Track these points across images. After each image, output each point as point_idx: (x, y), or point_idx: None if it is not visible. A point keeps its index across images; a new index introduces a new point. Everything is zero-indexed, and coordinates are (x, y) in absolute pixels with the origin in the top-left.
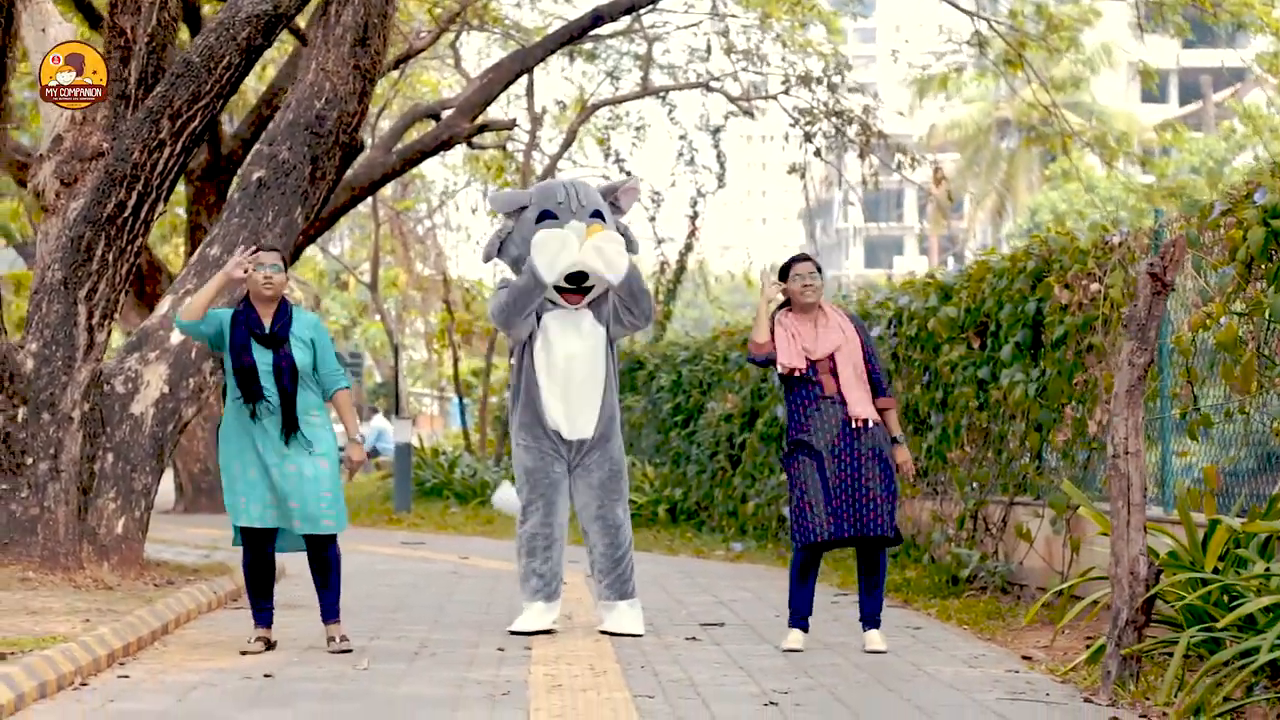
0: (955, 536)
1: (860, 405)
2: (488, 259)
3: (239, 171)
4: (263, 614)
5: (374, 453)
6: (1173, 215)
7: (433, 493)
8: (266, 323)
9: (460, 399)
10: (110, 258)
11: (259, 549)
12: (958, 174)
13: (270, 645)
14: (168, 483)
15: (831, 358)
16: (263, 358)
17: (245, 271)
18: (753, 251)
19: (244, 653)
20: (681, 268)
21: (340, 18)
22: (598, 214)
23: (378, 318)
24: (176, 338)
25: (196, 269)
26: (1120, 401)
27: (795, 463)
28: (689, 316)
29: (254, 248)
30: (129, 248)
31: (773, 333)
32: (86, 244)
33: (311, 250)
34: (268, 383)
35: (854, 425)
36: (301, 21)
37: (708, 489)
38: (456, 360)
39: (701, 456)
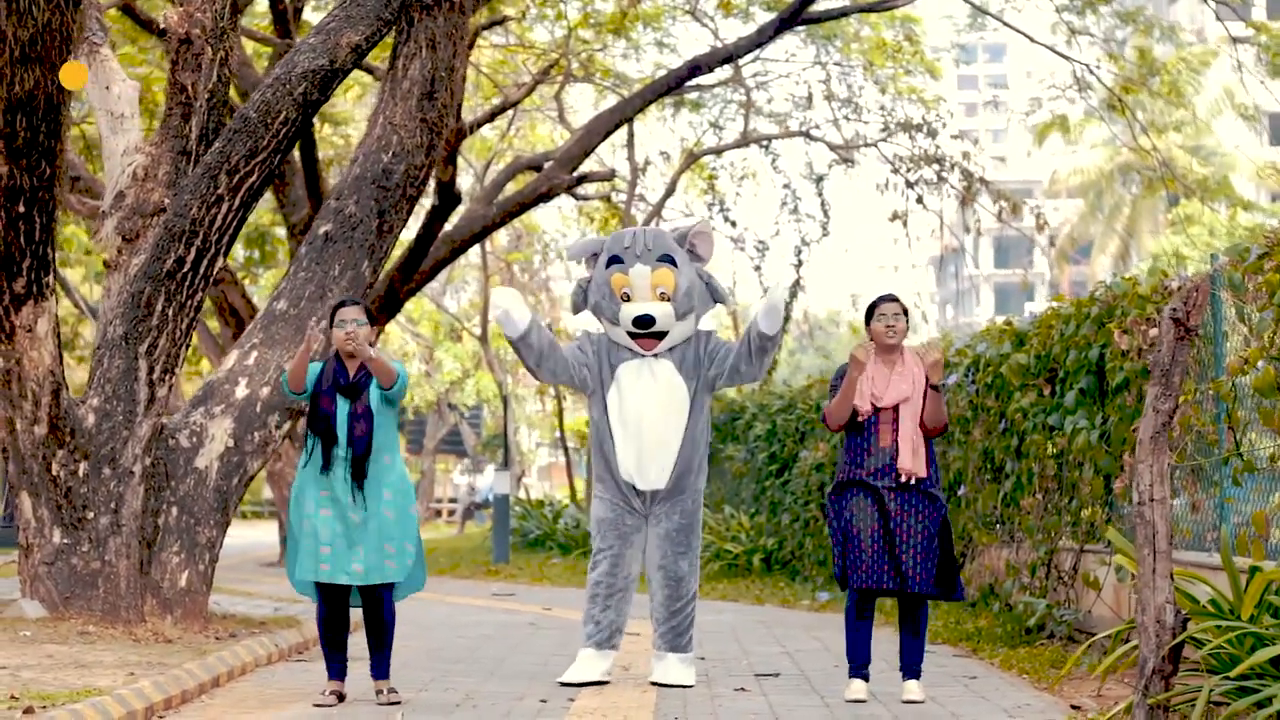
0: (1028, 585)
1: (910, 459)
2: (576, 310)
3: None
4: (335, 667)
5: (487, 503)
6: (1224, 260)
7: (536, 544)
8: (351, 372)
9: (566, 450)
10: (170, 313)
11: (334, 602)
12: (1081, 219)
13: (342, 698)
14: (273, 535)
15: (896, 408)
16: (341, 407)
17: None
18: (866, 300)
19: (316, 705)
20: (786, 317)
21: (408, 71)
22: (666, 259)
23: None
24: (242, 391)
25: (263, 323)
26: (1145, 448)
27: (841, 506)
28: (792, 364)
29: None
30: (189, 303)
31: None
32: (147, 299)
33: (428, 304)
34: (341, 432)
35: (902, 479)
36: None
37: (800, 538)
38: (562, 412)
39: (794, 505)
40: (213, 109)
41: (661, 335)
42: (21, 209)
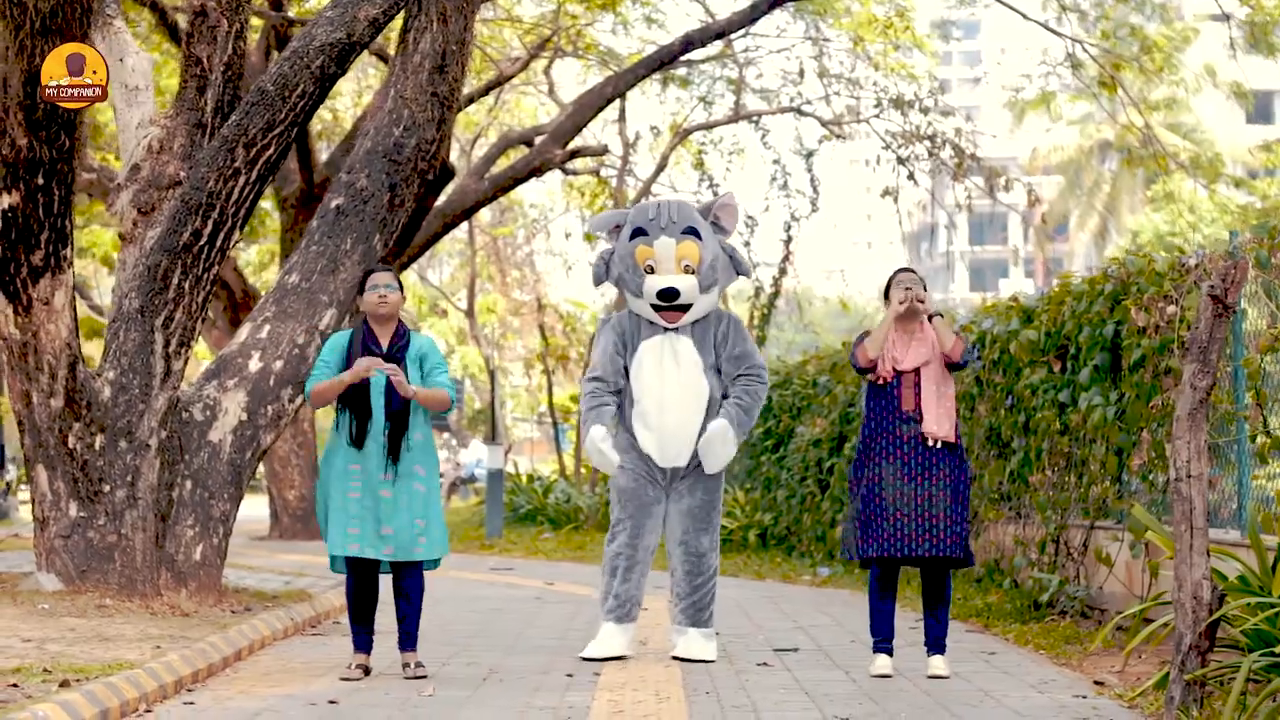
0: (1037, 561)
1: (935, 423)
2: (598, 282)
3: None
4: (362, 640)
5: (472, 478)
6: (1247, 237)
7: (527, 519)
8: (384, 342)
9: (555, 425)
10: (187, 286)
11: (363, 575)
12: (1060, 196)
13: (368, 671)
14: (263, 509)
15: (917, 372)
16: (376, 379)
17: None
18: (849, 275)
19: (344, 678)
20: (776, 292)
21: (418, 45)
22: (691, 231)
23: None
24: (255, 365)
25: (275, 297)
26: (1182, 424)
27: (863, 473)
28: (782, 340)
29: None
30: (205, 276)
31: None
32: (163, 272)
33: (412, 278)
34: (377, 403)
35: (929, 443)
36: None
37: (797, 514)
38: (551, 386)
39: (791, 481)
40: (228, 81)
41: (686, 308)
42: (40, 181)
